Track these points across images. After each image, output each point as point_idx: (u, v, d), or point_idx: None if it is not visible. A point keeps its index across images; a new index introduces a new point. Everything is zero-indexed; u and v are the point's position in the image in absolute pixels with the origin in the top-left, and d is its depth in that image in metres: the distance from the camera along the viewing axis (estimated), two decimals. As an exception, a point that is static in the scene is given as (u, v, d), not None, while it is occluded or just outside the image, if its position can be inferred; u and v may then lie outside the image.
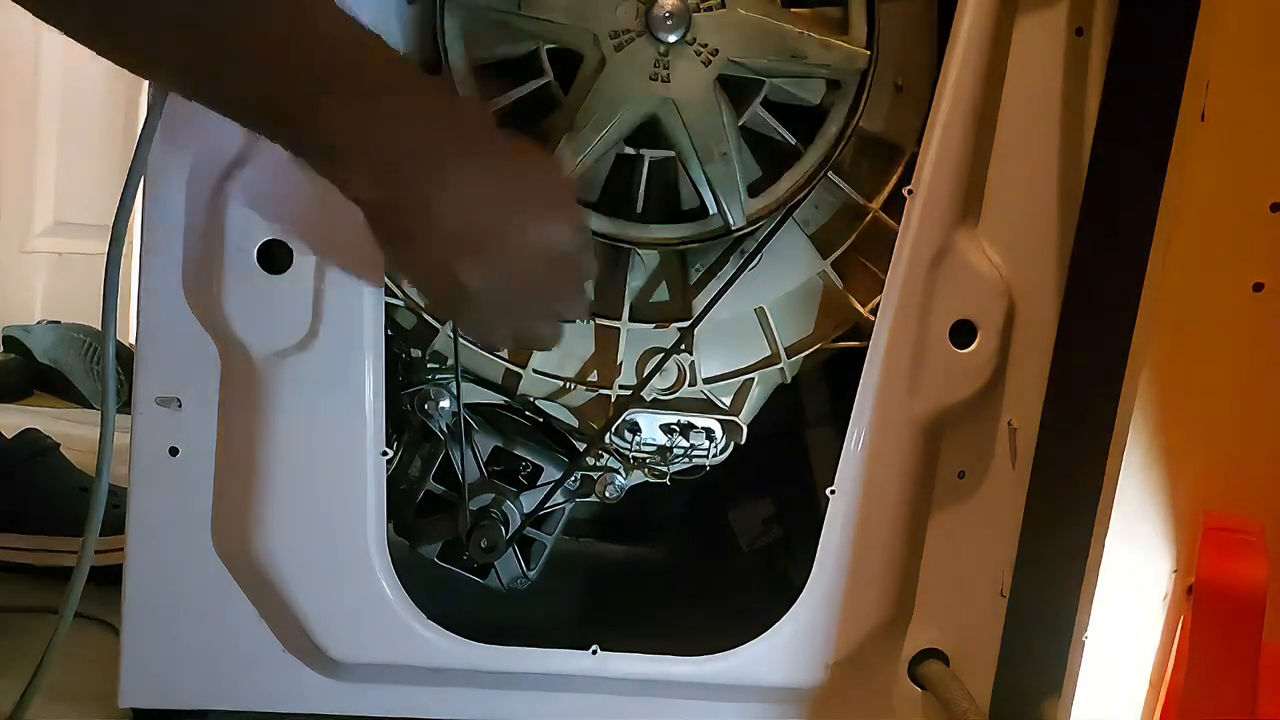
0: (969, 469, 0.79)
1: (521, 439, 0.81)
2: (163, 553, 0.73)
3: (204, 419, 0.72)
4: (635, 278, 0.77)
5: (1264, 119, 0.62)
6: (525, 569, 0.82)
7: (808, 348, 0.79)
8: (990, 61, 0.73)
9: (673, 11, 0.68)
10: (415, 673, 0.75)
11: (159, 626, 0.73)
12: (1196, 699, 0.63)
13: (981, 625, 0.80)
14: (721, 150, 0.71)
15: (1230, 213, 0.63)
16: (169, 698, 0.74)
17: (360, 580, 0.73)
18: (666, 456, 0.79)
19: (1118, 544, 0.65)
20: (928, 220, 0.74)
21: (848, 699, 0.80)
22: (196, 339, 0.71)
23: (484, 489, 0.80)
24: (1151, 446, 0.65)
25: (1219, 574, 0.63)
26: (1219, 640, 0.63)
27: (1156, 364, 0.64)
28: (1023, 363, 0.77)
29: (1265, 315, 0.63)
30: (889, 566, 0.78)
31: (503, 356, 0.78)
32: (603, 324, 0.77)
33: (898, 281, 0.74)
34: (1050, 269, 0.76)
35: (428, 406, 0.77)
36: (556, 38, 0.69)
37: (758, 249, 0.76)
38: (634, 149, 0.73)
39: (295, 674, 0.75)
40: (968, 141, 0.74)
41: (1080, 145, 0.76)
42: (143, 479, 0.72)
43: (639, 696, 0.78)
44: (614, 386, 0.78)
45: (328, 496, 0.73)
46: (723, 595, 0.94)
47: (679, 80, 0.69)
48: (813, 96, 0.75)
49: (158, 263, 0.71)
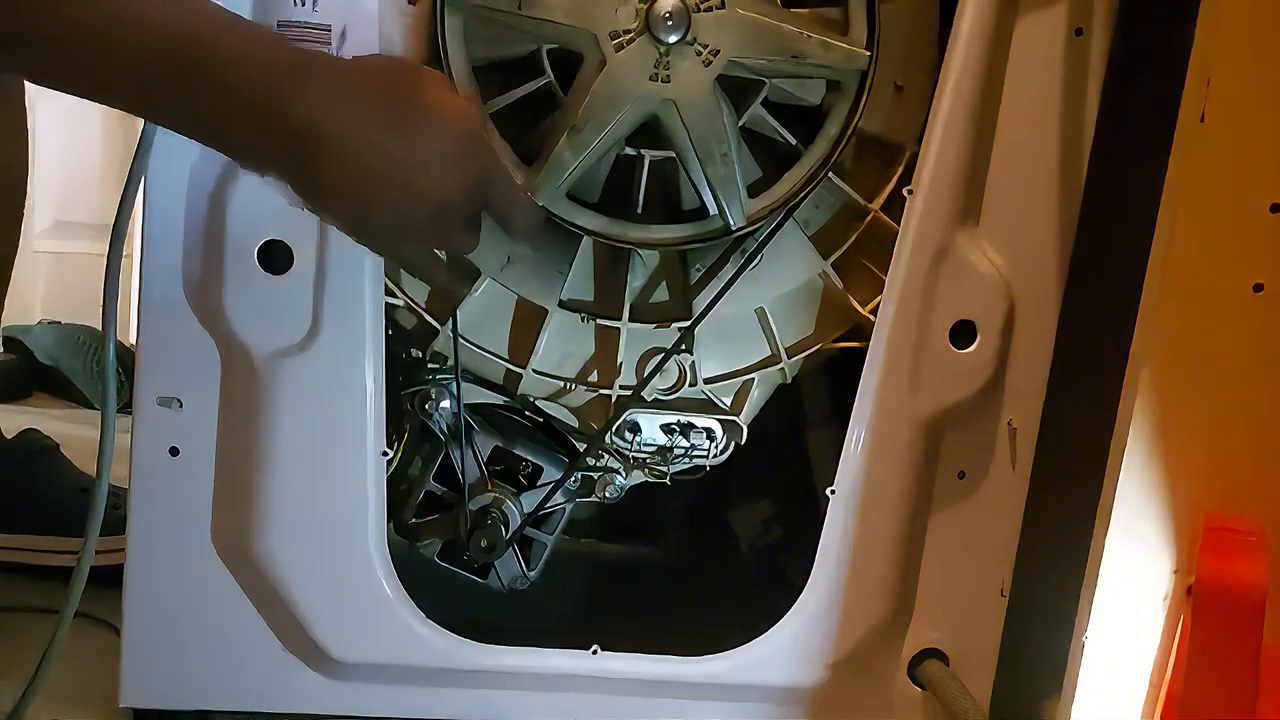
0: (969, 469, 0.79)
1: (522, 439, 0.81)
2: (163, 553, 0.73)
3: (204, 419, 0.72)
4: (636, 278, 0.77)
5: (1264, 120, 0.62)
6: (525, 569, 0.82)
7: (808, 348, 0.79)
8: (990, 61, 0.73)
9: (673, 12, 0.68)
10: (415, 673, 0.75)
11: (159, 626, 0.73)
12: (1196, 699, 0.63)
13: (981, 625, 0.80)
14: (722, 150, 0.71)
15: (1230, 213, 0.63)
16: (169, 698, 0.74)
17: (360, 580, 0.73)
18: (667, 456, 0.79)
19: (1118, 544, 0.65)
20: (928, 220, 0.74)
21: (848, 699, 0.80)
22: (197, 339, 0.71)
23: (484, 489, 0.80)
24: (1151, 446, 0.65)
25: (1219, 574, 0.63)
26: (1219, 640, 0.63)
27: (1156, 364, 0.64)
28: (1023, 363, 0.77)
29: (1265, 315, 0.63)
30: (889, 566, 0.78)
31: (504, 357, 0.78)
32: (603, 324, 0.77)
33: (898, 281, 0.74)
34: (1050, 269, 0.77)
35: (428, 406, 0.78)
36: (557, 38, 0.69)
37: (758, 249, 0.76)
38: (634, 149, 0.73)
39: (295, 674, 0.75)
40: (968, 141, 0.74)
41: (1080, 145, 0.76)
42: (143, 479, 0.72)
43: (639, 696, 0.78)
44: (614, 387, 0.78)
45: (328, 496, 0.73)
46: (723, 595, 0.94)
47: (679, 80, 0.69)
48: (813, 97, 0.75)
49: (158, 263, 0.71)
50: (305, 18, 0.68)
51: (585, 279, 0.78)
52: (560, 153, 0.70)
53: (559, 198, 0.72)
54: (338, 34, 0.68)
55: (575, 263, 0.76)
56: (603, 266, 0.78)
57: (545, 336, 0.77)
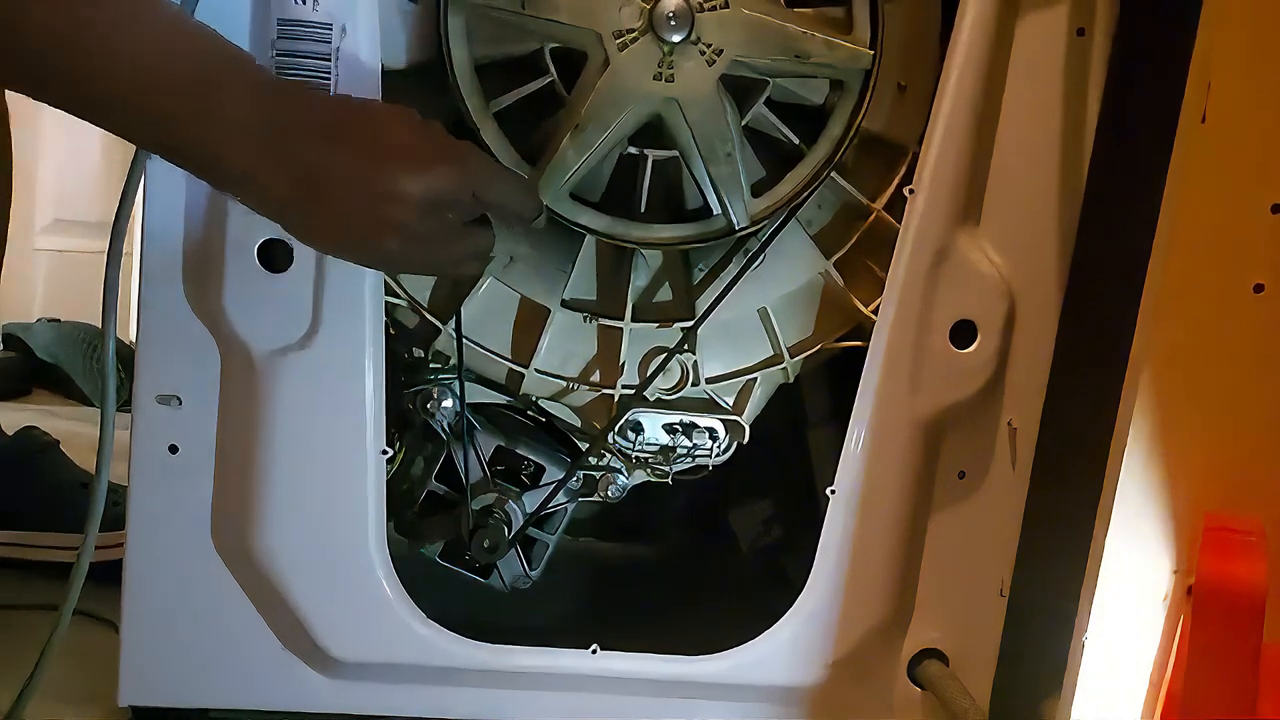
0: (969, 469, 0.79)
1: (524, 439, 0.81)
2: (162, 551, 0.73)
3: (204, 417, 0.72)
4: (638, 277, 0.77)
5: (1265, 120, 0.62)
6: (527, 569, 0.82)
7: (810, 347, 0.79)
8: (991, 62, 0.73)
9: (676, 11, 0.68)
10: (415, 672, 0.75)
11: (159, 624, 0.73)
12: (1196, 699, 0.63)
13: (981, 625, 0.80)
14: (725, 150, 0.71)
15: (1230, 214, 0.63)
16: (168, 696, 0.74)
17: (360, 580, 0.73)
18: (669, 456, 0.79)
19: (1118, 544, 0.65)
20: (928, 220, 0.74)
21: (848, 699, 0.80)
22: (196, 337, 0.71)
23: (486, 489, 0.80)
24: (1151, 446, 0.65)
25: (1219, 574, 0.63)
26: (1219, 640, 0.63)
27: (1156, 364, 0.64)
28: (1023, 363, 0.77)
29: (1265, 315, 0.63)
30: (889, 566, 0.78)
31: (506, 356, 0.78)
32: (606, 324, 0.77)
33: (898, 281, 0.74)
34: (1050, 269, 0.77)
35: (430, 406, 0.77)
36: (560, 37, 0.69)
37: (761, 249, 0.76)
38: (637, 149, 0.73)
39: (295, 673, 0.75)
40: (969, 141, 0.74)
41: (1080, 145, 0.76)
42: (143, 477, 0.72)
43: (639, 696, 0.78)
44: (617, 386, 0.78)
45: (328, 495, 0.73)
46: (723, 595, 0.94)
47: (683, 80, 0.69)
48: (816, 96, 0.75)
49: (158, 260, 0.70)
50: (305, 16, 0.68)
51: (588, 278, 0.78)
52: (563, 152, 0.70)
53: (562, 197, 0.72)
54: (338, 32, 0.68)
55: (578, 262, 0.76)
56: (605, 266, 0.78)
57: (548, 336, 0.77)
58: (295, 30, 0.67)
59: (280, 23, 0.67)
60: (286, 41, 0.67)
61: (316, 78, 0.68)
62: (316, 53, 0.68)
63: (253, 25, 0.67)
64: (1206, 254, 0.63)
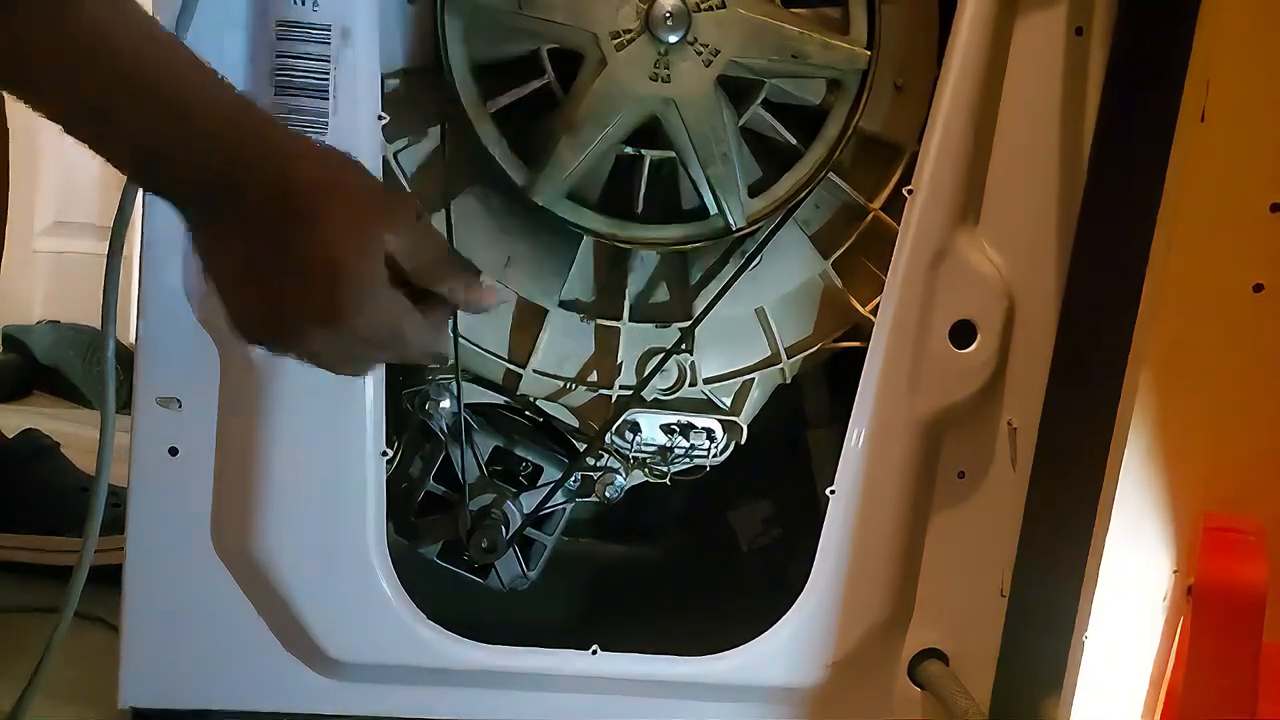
0: (969, 469, 0.79)
1: (522, 439, 0.81)
2: (163, 553, 0.73)
3: (204, 419, 0.72)
4: (636, 278, 0.77)
5: (1264, 120, 0.62)
6: (525, 569, 0.82)
7: (808, 348, 0.79)
8: (990, 61, 0.73)
9: (673, 12, 0.68)
10: (415, 673, 0.75)
11: (159, 626, 0.73)
12: (1196, 699, 0.63)
13: (981, 625, 0.80)
14: (722, 150, 0.71)
15: (1230, 213, 0.63)
16: (169, 697, 0.74)
17: (360, 580, 0.73)
18: (667, 456, 0.79)
19: (1118, 544, 0.65)
20: (928, 220, 0.74)
21: (848, 699, 0.80)
22: (196, 339, 0.71)
23: (484, 489, 0.80)
24: (1151, 446, 0.65)
25: (1219, 574, 0.63)
26: (1219, 640, 0.63)
27: (1156, 364, 0.64)
28: (1023, 363, 0.77)
29: (1265, 315, 0.63)
30: (889, 566, 0.78)
31: (504, 356, 0.78)
32: (603, 324, 0.77)
33: (898, 281, 0.74)
34: (1050, 269, 0.77)
35: (428, 406, 0.77)
36: (557, 38, 0.69)
37: (758, 249, 0.76)
38: (634, 149, 0.73)
39: (295, 674, 0.75)
40: (968, 141, 0.74)
41: (1080, 145, 0.76)
42: (143, 479, 0.72)
43: (639, 696, 0.78)
44: (614, 386, 0.78)
45: (327, 496, 0.73)
46: (722, 595, 0.94)
47: (679, 80, 0.69)
48: (813, 97, 0.75)
49: (158, 263, 0.70)
50: (304, 17, 0.68)
51: (585, 279, 0.77)
52: (560, 152, 0.70)
53: (559, 198, 0.72)
54: (337, 33, 0.68)
55: (575, 263, 0.76)
56: (603, 266, 0.78)
57: (545, 336, 0.77)
58: (294, 32, 0.67)
59: (279, 24, 0.67)
60: (286, 43, 0.67)
61: (316, 79, 0.68)
62: (315, 54, 0.68)
63: (252, 27, 0.68)
64: (1206, 253, 0.63)
